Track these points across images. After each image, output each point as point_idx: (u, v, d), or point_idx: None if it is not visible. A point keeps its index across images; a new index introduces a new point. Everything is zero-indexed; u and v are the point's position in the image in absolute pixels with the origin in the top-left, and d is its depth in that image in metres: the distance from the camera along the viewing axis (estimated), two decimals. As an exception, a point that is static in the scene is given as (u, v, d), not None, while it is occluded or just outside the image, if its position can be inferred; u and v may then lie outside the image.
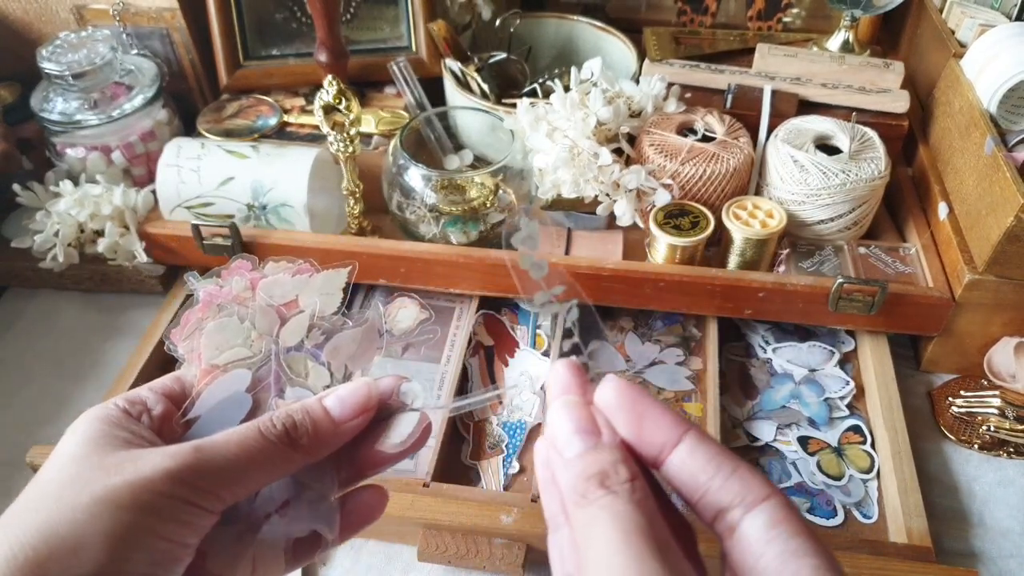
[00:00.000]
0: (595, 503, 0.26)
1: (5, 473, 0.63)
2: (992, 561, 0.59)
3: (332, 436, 0.33)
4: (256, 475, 0.31)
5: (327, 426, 0.33)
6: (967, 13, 0.80)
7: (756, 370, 0.70)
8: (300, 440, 0.32)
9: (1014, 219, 0.59)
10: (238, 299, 0.37)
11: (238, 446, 0.31)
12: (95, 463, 0.29)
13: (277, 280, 0.38)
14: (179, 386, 0.35)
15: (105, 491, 0.28)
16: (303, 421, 0.32)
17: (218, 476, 0.30)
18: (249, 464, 0.31)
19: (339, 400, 0.33)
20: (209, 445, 0.30)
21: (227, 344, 0.36)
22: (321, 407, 0.33)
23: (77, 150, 0.77)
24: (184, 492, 0.29)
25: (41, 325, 0.76)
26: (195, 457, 0.30)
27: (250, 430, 0.31)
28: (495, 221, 0.72)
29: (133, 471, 0.29)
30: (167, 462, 0.29)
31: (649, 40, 0.83)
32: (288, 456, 0.32)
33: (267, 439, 0.31)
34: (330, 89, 0.66)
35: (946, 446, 0.66)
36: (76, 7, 0.82)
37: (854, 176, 0.67)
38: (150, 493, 0.28)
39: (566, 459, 0.27)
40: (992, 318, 0.66)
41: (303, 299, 0.37)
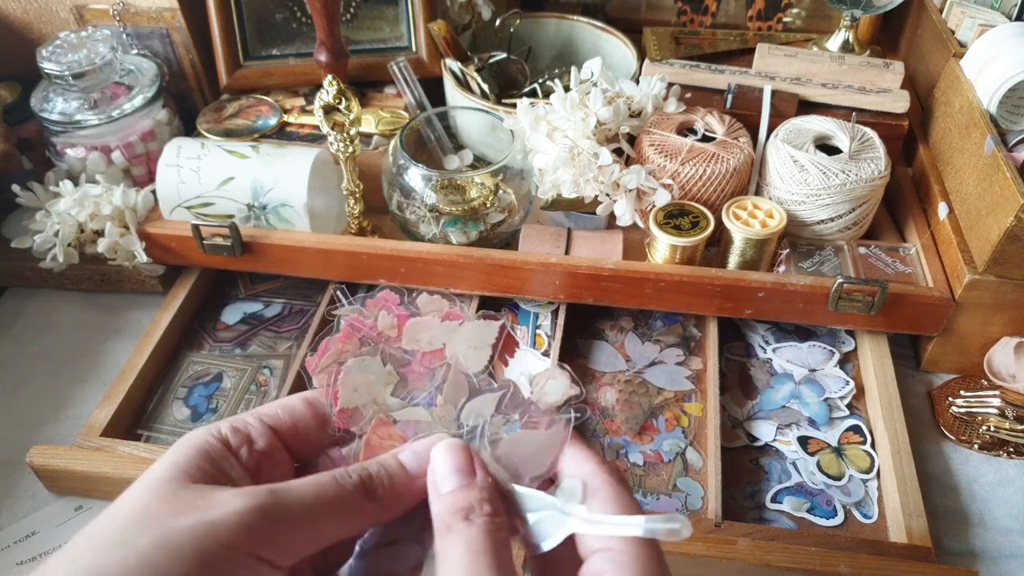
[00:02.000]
0: (455, 533, 0.29)
1: (5, 473, 0.63)
2: (992, 561, 0.59)
3: (408, 490, 0.32)
4: (329, 527, 0.30)
5: (403, 480, 0.32)
6: (967, 13, 0.80)
7: (756, 370, 0.70)
8: (376, 491, 0.31)
9: (1014, 219, 0.59)
10: (382, 336, 0.35)
11: (314, 494, 0.29)
12: (168, 496, 0.28)
13: (426, 323, 0.35)
14: (289, 418, 0.33)
15: (166, 535, 0.26)
16: (379, 473, 0.31)
17: (290, 525, 0.28)
18: (324, 513, 0.29)
19: (415, 454, 0.32)
20: (284, 489, 0.29)
21: (365, 388, 0.34)
22: (397, 461, 0.32)
23: (77, 150, 0.77)
24: (251, 544, 0.27)
25: (41, 325, 0.76)
26: (268, 500, 0.28)
27: (325, 478, 0.30)
28: (495, 221, 0.72)
29: (202, 513, 0.27)
30: (238, 505, 0.27)
31: (649, 40, 0.83)
32: (363, 509, 0.31)
33: (343, 488, 0.30)
34: (330, 89, 0.66)
35: (946, 446, 0.66)
36: (76, 7, 0.82)
37: (854, 176, 0.67)
38: (215, 543, 0.26)
39: (441, 494, 0.30)
40: (992, 318, 0.66)
41: (450, 349, 0.35)
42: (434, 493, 0.31)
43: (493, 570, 0.27)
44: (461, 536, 0.29)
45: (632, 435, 0.65)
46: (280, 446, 0.33)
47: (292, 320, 0.74)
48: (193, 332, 0.74)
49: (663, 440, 0.64)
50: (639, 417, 0.66)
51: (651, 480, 0.62)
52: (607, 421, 0.66)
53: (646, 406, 0.67)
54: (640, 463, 0.63)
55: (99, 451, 0.61)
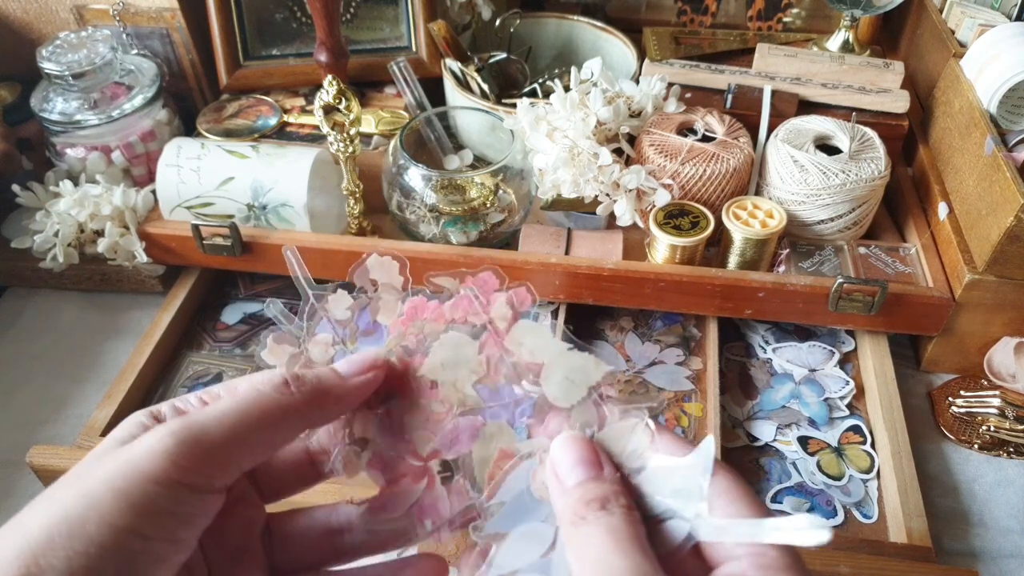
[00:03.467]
0: (593, 521, 0.27)
1: (5, 473, 0.63)
2: (992, 561, 0.59)
3: (339, 388, 0.31)
4: (257, 433, 0.29)
5: (332, 377, 0.31)
6: (967, 13, 0.80)
7: (756, 370, 0.70)
8: (302, 389, 0.30)
9: (1014, 219, 0.59)
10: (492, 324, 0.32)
11: (230, 405, 0.28)
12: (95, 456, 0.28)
13: (537, 331, 0.32)
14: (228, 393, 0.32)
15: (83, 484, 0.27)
16: (305, 373, 0.31)
17: (210, 440, 0.27)
18: (246, 419, 0.28)
19: (346, 361, 0.33)
20: (200, 414, 0.28)
21: (453, 367, 0.32)
22: (328, 367, 0.32)
23: (77, 150, 0.77)
24: (174, 471, 0.26)
25: (41, 325, 0.76)
26: (183, 423, 0.27)
27: (241, 383, 0.30)
28: (495, 221, 0.72)
29: (124, 456, 0.27)
30: (152, 439, 0.27)
31: (649, 40, 0.83)
32: (289, 405, 0.30)
33: (262, 391, 0.29)
34: (330, 89, 0.66)
35: (946, 446, 0.66)
36: (76, 7, 0.82)
37: (854, 176, 0.67)
38: (130, 481, 0.26)
39: (567, 487, 0.29)
40: (992, 318, 0.66)
41: (547, 371, 0.31)
42: (558, 487, 0.29)
43: (643, 557, 0.25)
44: (602, 525, 0.26)
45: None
46: None
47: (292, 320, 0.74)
48: (193, 332, 0.74)
49: (663, 440, 0.64)
50: (639, 417, 0.66)
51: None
52: (607, 421, 0.66)
53: (646, 406, 0.66)
54: (640, 463, 0.63)
55: (99, 451, 0.61)
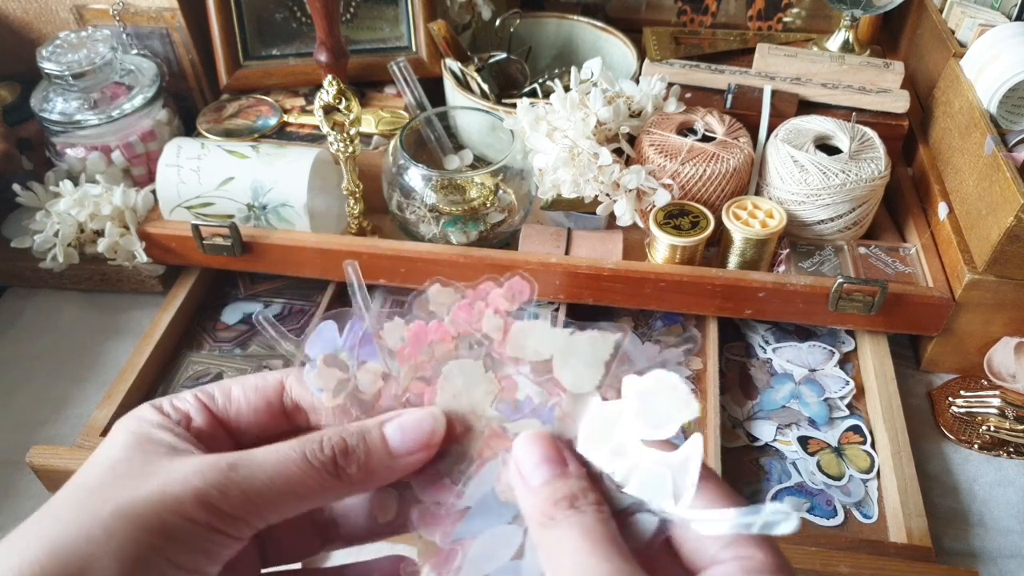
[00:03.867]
0: (564, 522, 0.26)
1: (5, 473, 0.63)
2: (992, 561, 0.59)
3: (386, 471, 0.30)
4: (293, 503, 0.28)
5: (382, 458, 0.29)
6: (967, 13, 0.80)
7: (756, 370, 0.70)
8: (348, 469, 0.29)
9: (1014, 219, 0.59)
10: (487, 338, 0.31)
11: (276, 468, 0.28)
12: (126, 469, 0.28)
13: (534, 329, 0.30)
14: (223, 400, 0.32)
15: (129, 505, 0.26)
16: (356, 448, 0.29)
17: (251, 500, 0.27)
18: (287, 489, 0.28)
19: (401, 430, 0.30)
20: (246, 463, 0.28)
21: (466, 395, 0.31)
22: (380, 433, 0.30)
23: (77, 150, 0.77)
24: (210, 518, 0.27)
25: (41, 325, 0.76)
26: (229, 477, 0.27)
27: (292, 451, 0.28)
28: (495, 221, 0.72)
29: (162, 484, 0.27)
30: (198, 480, 0.27)
31: (649, 40, 0.83)
32: (331, 486, 0.29)
33: (310, 464, 0.28)
34: (330, 89, 0.66)
35: (946, 446, 0.66)
36: (76, 7, 0.82)
37: (854, 176, 0.67)
38: (174, 515, 0.26)
39: (532, 486, 0.28)
40: (992, 318, 0.66)
41: (558, 363, 0.30)
42: (524, 487, 0.28)
43: (618, 557, 0.25)
44: (574, 526, 0.26)
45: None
46: (220, 430, 0.32)
47: (292, 320, 0.74)
48: (193, 332, 0.74)
49: (663, 440, 0.64)
50: (639, 417, 0.66)
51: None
52: (607, 421, 0.66)
53: (646, 406, 0.66)
54: (640, 463, 0.63)
55: (99, 451, 0.61)
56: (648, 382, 0.28)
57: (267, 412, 0.32)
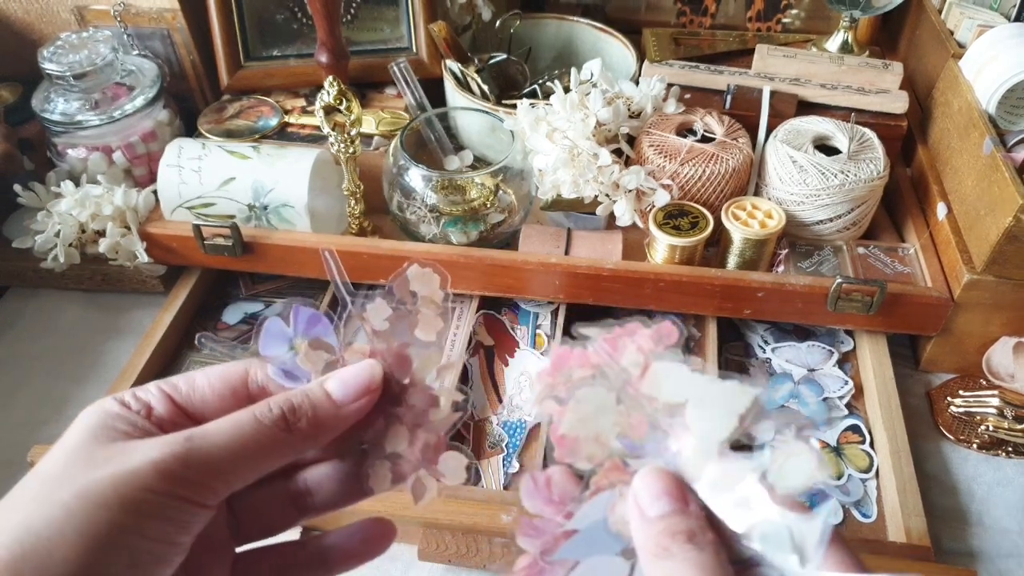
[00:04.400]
0: (679, 555, 0.26)
1: (6, 473, 0.63)
2: (991, 560, 0.59)
3: (333, 419, 0.31)
4: (251, 463, 0.30)
5: (328, 408, 0.31)
6: (966, 14, 0.80)
7: (755, 370, 0.70)
8: (298, 423, 0.31)
9: (1013, 219, 0.59)
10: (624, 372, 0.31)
11: (231, 433, 0.29)
12: (86, 455, 0.29)
13: (673, 371, 0.30)
14: (187, 388, 0.33)
15: (87, 485, 0.27)
16: (302, 404, 0.31)
17: (210, 466, 0.28)
18: (243, 451, 0.29)
19: (341, 382, 0.32)
20: (201, 433, 0.29)
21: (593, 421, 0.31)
22: (322, 390, 0.32)
23: (78, 150, 0.77)
24: (172, 486, 0.28)
25: (42, 325, 0.76)
26: (185, 447, 0.28)
27: (244, 415, 0.30)
28: (495, 221, 0.72)
29: (120, 464, 0.28)
30: (155, 453, 0.28)
31: (648, 41, 0.84)
32: (285, 441, 0.30)
33: (262, 423, 0.30)
34: (331, 90, 0.66)
35: (945, 446, 0.66)
36: (77, 8, 0.82)
37: (853, 176, 0.68)
38: (135, 488, 0.27)
39: (649, 517, 0.27)
40: (991, 318, 0.66)
41: (692, 410, 0.29)
42: (640, 518, 0.28)
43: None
44: (690, 561, 0.25)
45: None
46: (183, 417, 0.32)
47: (293, 320, 0.75)
48: (194, 332, 0.74)
49: (663, 440, 0.64)
50: (639, 417, 0.66)
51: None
52: (607, 421, 0.66)
53: (646, 406, 0.67)
54: (640, 463, 0.63)
55: (100, 450, 0.61)
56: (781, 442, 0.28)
57: (232, 398, 0.33)
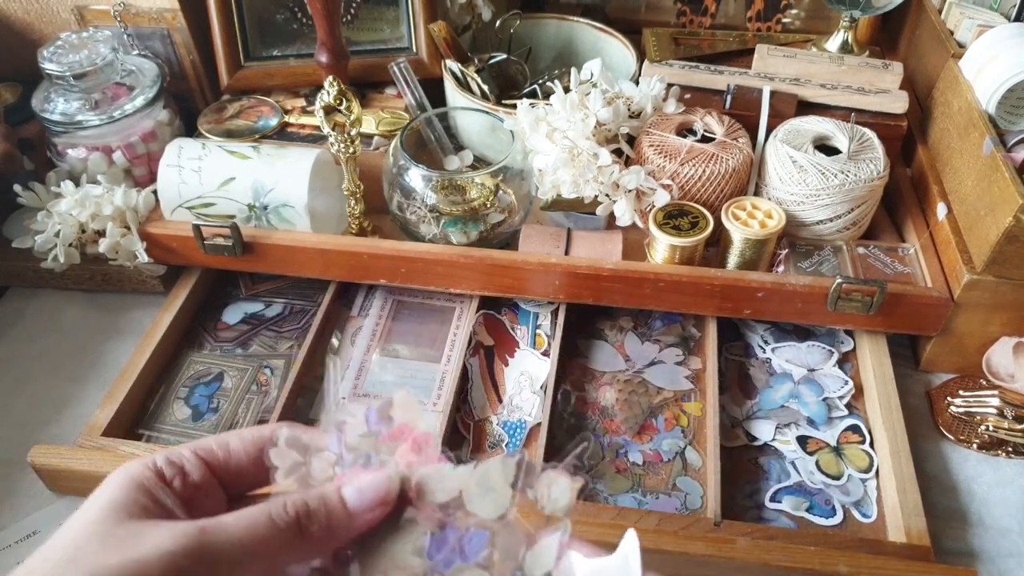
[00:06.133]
0: None
1: (7, 472, 0.63)
2: (991, 560, 0.59)
3: (345, 529, 0.32)
4: (260, 562, 0.30)
5: (341, 518, 0.32)
6: (966, 14, 0.80)
7: (755, 370, 0.70)
8: (311, 528, 0.31)
9: (1013, 219, 0.59)
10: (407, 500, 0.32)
11: (245, 530, 0.30)
12: (101, 534, 0.29)
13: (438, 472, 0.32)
14: (222, 454, 0.34)
15: (96, 572, 0.27)
16: (317, 509, 0.31)
17: (220, 562, 0.29)
18: (254, 550, 0.30)
19: (358, 491, 0.32)
20: (215, 527, 0.30)
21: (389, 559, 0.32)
22: (338, 496, 0.32)
23: (78, 150, 0.77)
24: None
25: (42, 325, 0.76)
26: (199, 540, 0.29)
27: (260, 513, 0.30)
28: (495, 221, 0.72)
29: (131, 551, 0.28)
30: (167, 543, 0.28)
31: (648, 41, 0.84)
32: (296, 545, 0.31)
33: (276, 524, 0.30)
34: (331, 90, 0.66)
35: (945, 446, 0.66)
36: (77, 8, 0.82)
37: (853, 176, 0.68)
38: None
39: None
40: (991, 318, 0.66)
41: (468, 501, 0.31)
42: None
43: None
44: None
45: (631, 435, 0.65)
46: (213, 480, 0.33)
47: (293, 320, 0.75)
48: (194, 332, 0.74)
49: (662, 439, 0.64)
50: (638, 417, 0.66)
51: (650, 479, 0.62)
52: (606, 421, 0.66)
53: (645, 406, 0.67)
54: (639, 462, 0.63)
55: (100, 451, 0.61)
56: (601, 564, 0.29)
57: (260, 454, 0.34)
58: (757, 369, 0.70)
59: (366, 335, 0.73)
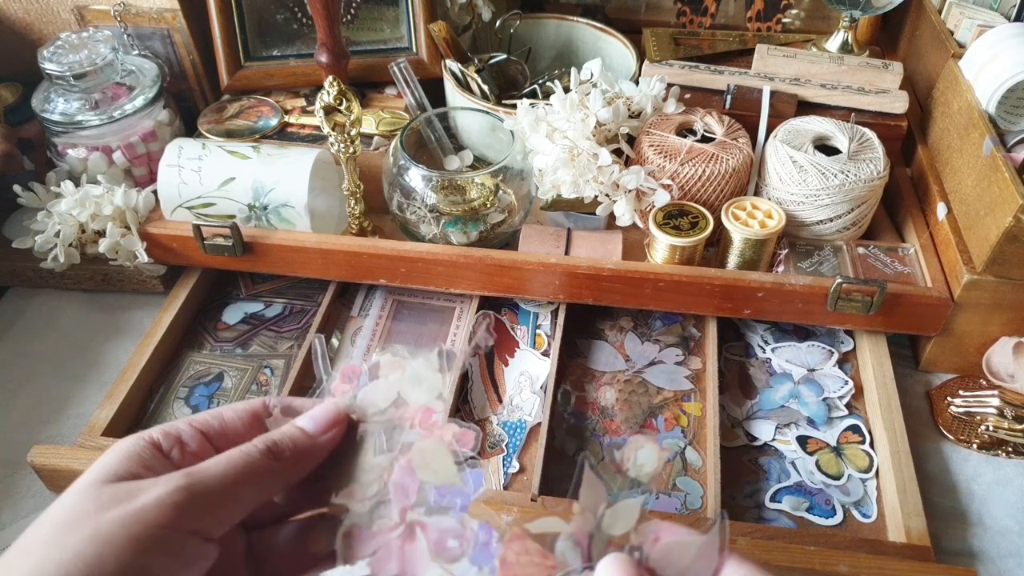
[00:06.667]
0: None
1: (6, 472, 0.63)
2: (991, 560, 0.59)
3: (310, 448, 0.35)
4: (247, 491, 0.33)
5: (305, 442, 0.35)
6: (966, 14, 0.80)
7: (755, 370, 0.70)
8: (282, 453, 0.34)
9: (1012, 219, 0.59)
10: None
11: (226, 466, 0.32)
12: (94, 495, 0.30)
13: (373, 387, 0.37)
14: (218, 423, 0.36)
15: (97, 528, 0.28)
16: (282, 439, 0.35)
17: (210, 497, 0.31)
18: (238, 481, 0.32)
19: (311, 418, 0.36)
20: (198, 469, 0.32)
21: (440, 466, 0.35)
22: (296, 427, 0.36)
23: (78, 150, 0.77)
24: (178, 519, 0.29)
25: (42, 325, 0.76)
26: (187, 480, 0.30)
27: (235, 451, 0.33)
28: (495, 221, 0.72)
29: (127, 503, 0.29)
30: (159, 489, 0.30)
31: (648, 41, 0.84)
32: (274, 469, 0.34)
33: (250, 456, 0.33)
34: (331, 90, 0.66)
35: (945, 446, 0.66)
36: (77, 8, 0.82)
37: (853, 176, 0.68)
38: (142, 525, 0.28)
39: None
40: (991, 318, 0.66)
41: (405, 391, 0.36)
42: None
43: None
44: None
45: (632, 434, 0.65)
46: (211, 449, 0.35)
47: (293, 320, 0.75)
48: (194, 332, 0.74)
49: (662, 439, 0.64)
50: (638, 416, 0.66)
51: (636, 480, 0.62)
52: (607, 420, 0.66)
53: (645, 406, 0.67)
54: (640, 462, 0.63)
55: (100, 451, 0.61)
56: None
57: (254, 420, 0.37)
58: (757, 369, 0.70)
59: (366, 335, 0.73)
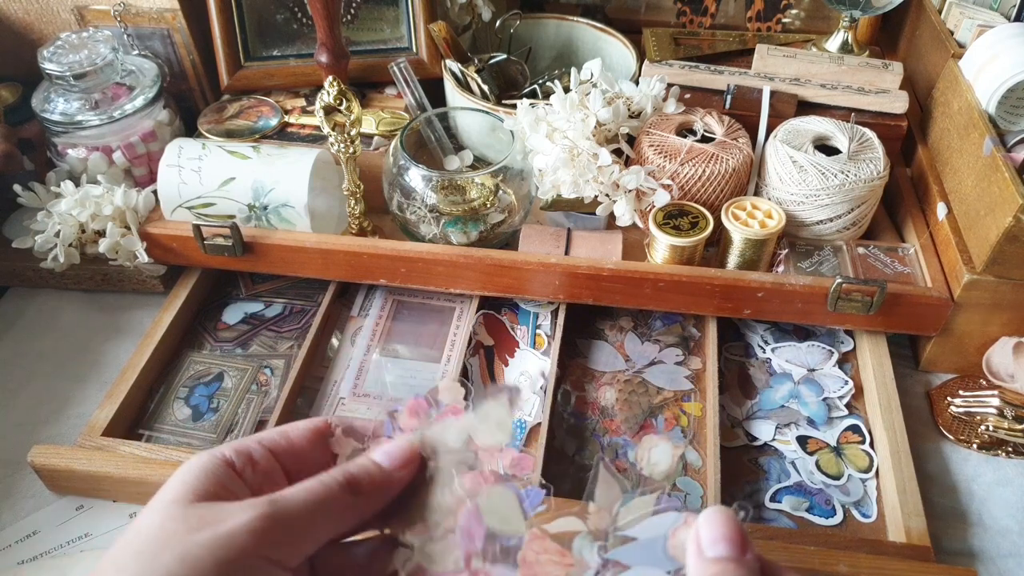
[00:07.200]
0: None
1: (6, 472, 0.63)
2: (991, 560, 0.59)
3: (386, 484, 0.36)
4: (325, 524, 0.33)
5: (380, 476, 0.36)
6: (966, 14, 0.80)
7: (755, 370, 0.70)
8: (360, 487, 0.34)
9: (1012, 219, 0.59)
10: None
11: (307, 497, 0.33)
12: (181, 515, 0.30)
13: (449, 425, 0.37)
14: (286, 441, 0.37)
15: (187, 550, 0.29)
16: (359, 472, 0.35)
17: (292, 527, 0.31)
18: (317, 512, 0.33)
19: (386, 452, 0.36)
20: (281, 497, 0.32)
21: None
22: (372, 460, 0.36)
23: (78, 150, 0.77)
24: (261, 547, 0.30)
25: (42, 325, 0.76)
26: (271, 508, 0.31)
27: (314, 482, 0.34)
28: (495, 221, 0.72)
29: (215, 527, 0.30)
30: (246, 515, 0.30)
31: (648, 41, 0.84)
32: (351, 503, 0.34)
33: (330, 488, 0.33)
34: (331, 90, 0.66)
35: (945, 446, 0.66)
36: (77, 8, 0.82)
37: (853, 176, 0.68)
38: (230, 551, 0.29)
39: (706, 556, 0.29)
40: (991, 318, 0.66)
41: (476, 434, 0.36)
42: (696, 553, 0.29)
43: None
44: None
45: (631, 434, 0.65)
46: (278, 466, 0.36)
47: (293, 320, 0.75)
48: (194, 332, 0.74)
49: (662, 440, 0.64)
50: (638, 417, 0.66)
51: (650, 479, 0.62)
52: (606, 420, 0.66)
53: (645, 406, 0.67)
54: (640, 462, 0.63)
55: (100, 451, 0.61)
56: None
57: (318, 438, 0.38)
58: (757, 369, 0.70)
59: (366, 335, 0.73)
